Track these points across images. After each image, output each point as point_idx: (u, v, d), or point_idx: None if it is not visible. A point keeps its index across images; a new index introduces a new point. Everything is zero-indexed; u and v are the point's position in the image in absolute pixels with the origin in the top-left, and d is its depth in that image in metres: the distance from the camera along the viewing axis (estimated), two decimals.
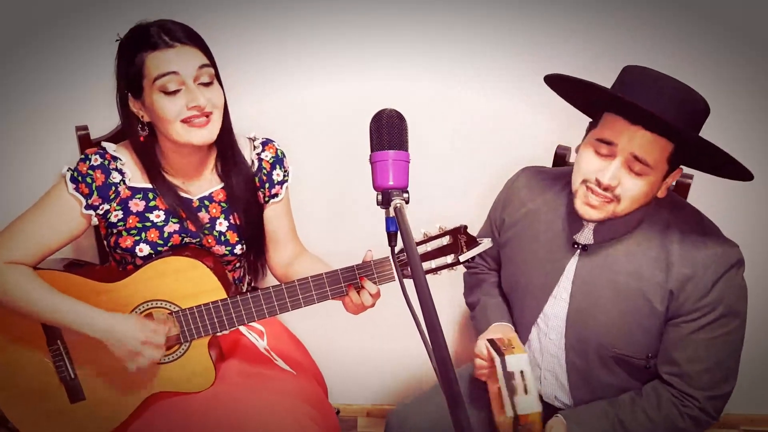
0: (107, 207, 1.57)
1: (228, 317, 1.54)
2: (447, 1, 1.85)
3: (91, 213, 1.56)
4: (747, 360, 1.52)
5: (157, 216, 1.59)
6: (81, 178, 1.53)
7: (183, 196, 1.60)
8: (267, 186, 1.68)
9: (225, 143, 1.60)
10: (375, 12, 1.86)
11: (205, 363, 1.59)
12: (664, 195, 1.48)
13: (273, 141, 1.69)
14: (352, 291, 1.50)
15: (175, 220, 1.60)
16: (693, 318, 1.46)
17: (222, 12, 1.85)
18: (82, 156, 1.56)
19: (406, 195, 1.13)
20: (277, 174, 1.68)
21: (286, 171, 1.70)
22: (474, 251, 1.45)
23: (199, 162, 1.61)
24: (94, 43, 1.82)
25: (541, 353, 1.64)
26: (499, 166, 1.96)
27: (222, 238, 1.63)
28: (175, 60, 1.46)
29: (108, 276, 1.57)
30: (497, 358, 1.46)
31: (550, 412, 1.63)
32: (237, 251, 1.65)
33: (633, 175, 1.40)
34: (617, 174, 1.40)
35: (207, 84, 1.49)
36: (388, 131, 1.17)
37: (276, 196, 1.69)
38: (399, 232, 1.08)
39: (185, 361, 1.59)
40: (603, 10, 1.84)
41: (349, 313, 1.56)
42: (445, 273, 1.47)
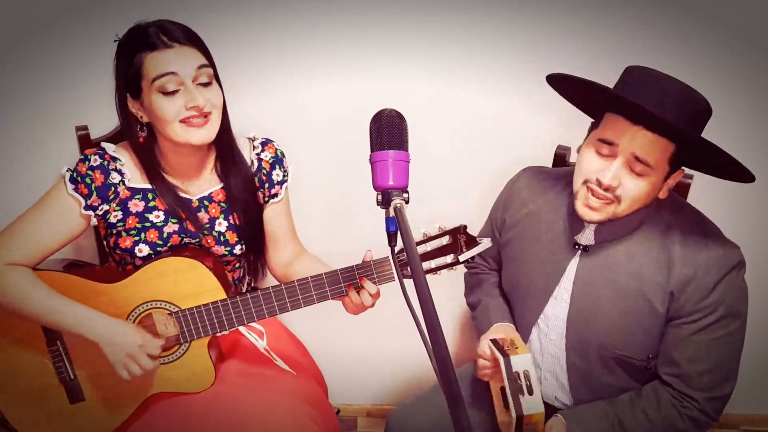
0: (106, 207, 1.56)
1: (228, 318, 1.54)
2: (447, 1, 1.85)
3: (90, 213, 1.56)
4: (747, 360, 1.52)
5: (157, 216, 1.59)
6: (80, 178, 1.53)
7: (182, 196, 1.60)
8: (266, 186, 1.68)
9: (224, 143, 1.60)
10: (375, 12, 1.86)
11: (205, 363, 1.59)
12: (665, 196, 1.47)
13: (272, 141, 1.69)
14: (351, 291, 1.50)
15: (175, 220, 1.60)
16: (694, 319, 1.46)
17: (222, 12, 1.85)
18: (81, 156, 1.56)
19: (406, 195, 1.13)
20: (277, 174, 1.68)
21: (285, 171, 1.69)
22: (473, 251, 1.45)
23: (199, 162, 1.61)
24: (94, 43, 1.82)
25: (542, 354, 1.64)
26: (499, 166, 1.96)
27: (221, 238, 1.63)
28: (174, 60, 1.46)
29: (107, 276, 1.57)
30: (502, 358, 1.45)
31: (550, 412, 1.63)
32: (236, 251, 1.65)
33: (634, 176, 1.40)
34: (618, 174, 1.40)
35: (206, 84, 1.49)
36: (388, 131, 1.17)
37: (275, 196, 1.69)
38: (399, 232, 1.08)
39: (185, 362, 1.59)
40: (603, 10, 1.84)
41: (349, 314, 1.56)
42: (445, 273, 1.47)
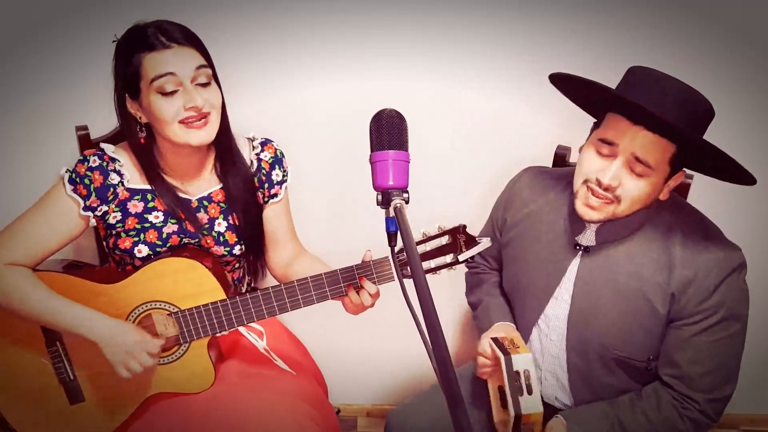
0: (105, 208, 1.56)
1: (227, 318, 1.54)
2: (447, 1, 1.85)
3: (89, 214, 1.55)
4: (747, 360, 1.52)
5: (156, 217, 1.59)
6: (79, 179, 1.53)
7: (181, 196, 1.60)
8: (266, 186, 1.68)
9: (223, 144, 1.60)
10: (375, 12, 1.86)
11: (205, 364, 1.59)
12: (666, 197, 1.47)
13: (272, 141, 1.69)
14: (351, 291, 1.50)
15: (174, 220, 1.59)
16: (694, 321, 1.45)
17: (222, 12, 1.84)
18: (80, 157, 1.56)
19: (406, 195, 1.13)
20: (276, 174, 1.68)
21: (285, 171, 1.69)
22: (473, 251, 1.45)
23: (198, 162, 1.61)
24: (93, 43, 1.82)
25: (542, 354, 1.64)
26: (499, 166, 1.96)
27: (221, 238, 1.63)
28: (173, 61, 1.45)
29: (107, 277, 1.57)
30: (502, 357, 1.45)
31: (550, 412, 1.63)
32: (236, 252, 1.65)
33: (634, 176, 1.40)
34: (618, 174, 1.40)
35: (204, 84, 1.49)
36: (388, 131, 1.17)
37: (275, 196, 1.69)
38: (399, 232, 1.08)
39: (185, 362, 1.59)
40: (603, 10, 1.84)
41: (349, 314, 1.56)
42: (445, 272, 1.47)
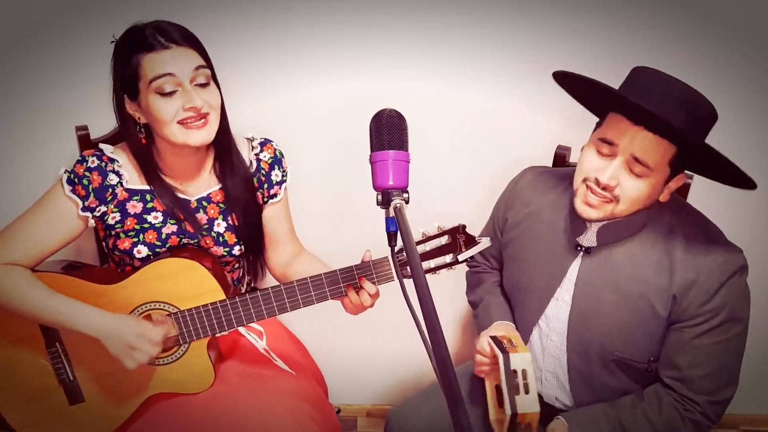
0: (104, 209, 1.56)
1: (227, 318, 1.54)
2: (447, 1, 1.85)
3: (88, 215, 1.55)
4: (747, 360, 1.51)
5: (155, 217, 1.59)
6: (77, 180, 1.53)
7: (180, 197, 1.60)
8: (265, 186, 1.67)
9: (222, 144, 1.60)
10: (375, 12, 1.86)
11: (205, 364, 1.59)
12: (666, 199, 1.47)
13: (271, 141, 1.69)
14: (351, 291, 1.50)
15: (173, 221, 1.59)
16: (695, 323, 1.45)
17: (222, 12, 1.84)
18: (79, 158, 1.55)
19: (406, 195, 1.13)
20: (276, 174, 1.68)
21: (284, 171, 1.69)
22: (472, 250, 1.45)
23: (197, 163, 1.61)
24: (94, 43, 1.82)
25: (543, 354, 1.64)
26: (499, 166, 1.96)
27: (220, 239, 1.63)
28: (171, 61, 1.45)
29: (107, 278, 1.57)
30: (501, 355, 1.45)
31: (550, 412, 1.63)
32: (235, 252, 1.65)
33: (633, 177, 1.40)
34: (616, 174, 1.40)
35: (203, 85, 1.49)
36: (388, 131, 1.17)
37: (274, 196, 1.69)
38: (399, 232, 1.08)
39: (184, 363, 1.59)
40: (603, 10, 1.84)
41: (349, 314, 1.56)
42: (445, 272, 1.47)
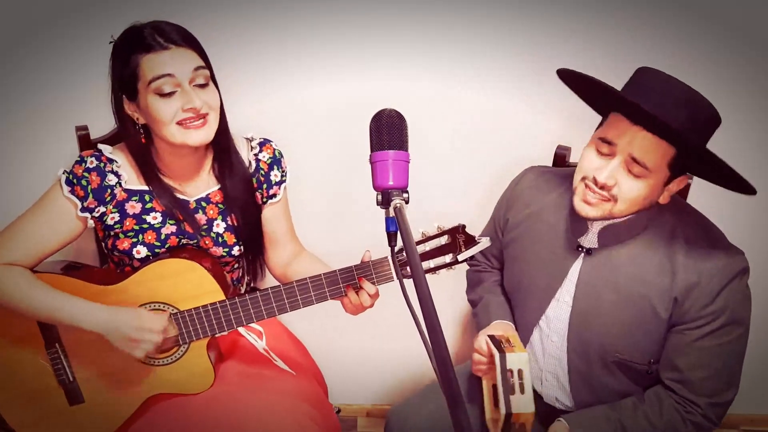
0: (103, 210, 1.56)
1: (227, 319, 1.54)
2: (447, 1, 1.85)
3: (87, 216, 1.55)
4: (747, 360, 1.51)
5: (154, 218, 1.59)
6: (76, 180, 1.53)
7: (179, 197, 1.60)
8: (265, 187, 1.67)
9: (222, 144, 1.60)
10: (375, 12, 1.86)
11: (204, 364, 1.59)
12: (666, 201, 1.46)
13: (270, 141, 1.69)
14: (350, 292, 1.50)
15: (172, 221, 1.59)
16: (697, 325, 1.45)
17: (222, 12, 1.84)
18: (77, 158, 1.55)
19: (406, 195, 1.13)
20: (275, 174, 1.68)
21: (283, 171, 1.69)
22: (472, 250, 1.44)
23: (196, 163, 1.61)
24: (93, 44, 1.82)
25: (543, 355, 1.64)
26: (499, 166, 1.96)
27: (219, 239, 1.63)
28: (170, 62, 1.45)
29: (106, 278, 1.56)
30: (497, 354, 1.45)
31: (551, 413, 1.63)
32: (235, 252, 1.65)
33: (631, 177, 1.40)
34: (614, 174, 1.40)
35: (202, 86, 1.49)
36: (387, 131, 1.17)
37: (274, 196, 1.69)
38: (399, 232, 1.08)
39: (184, 363, 1.59)
40: (603, 10, 1.84)
41: (349, 314, 1.56)
42: (445, 272, 1.47)
